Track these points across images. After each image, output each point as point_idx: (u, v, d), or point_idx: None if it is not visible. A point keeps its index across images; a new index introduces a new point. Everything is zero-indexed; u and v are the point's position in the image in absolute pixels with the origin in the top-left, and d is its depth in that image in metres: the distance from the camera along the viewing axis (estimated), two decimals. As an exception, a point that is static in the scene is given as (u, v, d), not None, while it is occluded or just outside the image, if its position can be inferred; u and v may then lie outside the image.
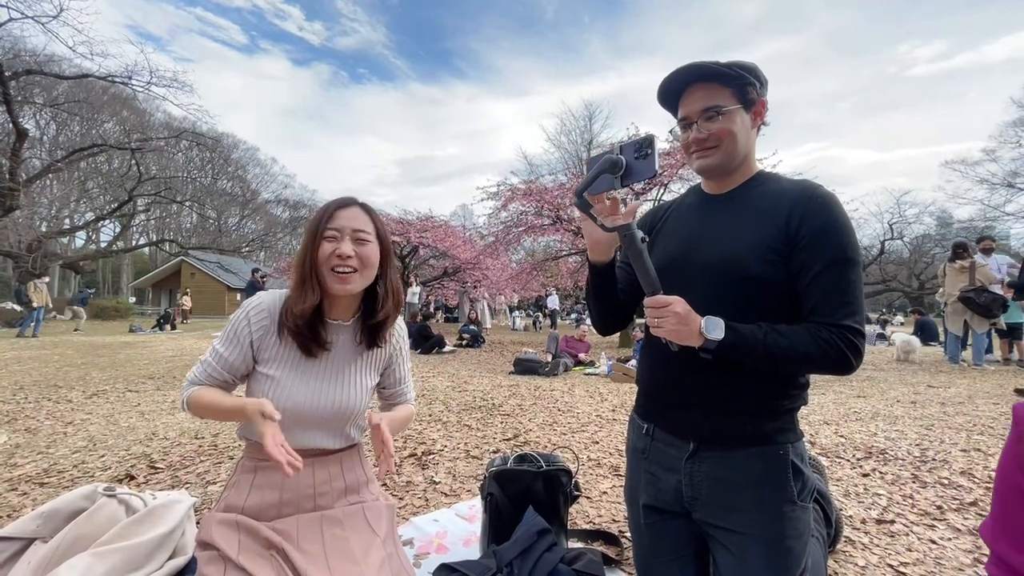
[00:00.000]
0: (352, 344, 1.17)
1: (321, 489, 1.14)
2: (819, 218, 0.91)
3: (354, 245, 1.07)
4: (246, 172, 42.48)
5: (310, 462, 1.13)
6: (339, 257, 1.05)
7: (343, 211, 1.09)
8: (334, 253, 1.05)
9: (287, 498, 1.10)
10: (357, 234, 1.08)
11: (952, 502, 2.11)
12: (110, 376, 5.45)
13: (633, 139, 0.89)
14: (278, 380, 1.09)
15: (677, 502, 1.03)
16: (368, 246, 1.09)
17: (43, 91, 20.26)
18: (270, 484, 1.09)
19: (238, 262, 29.62)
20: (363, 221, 1.10)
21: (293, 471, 1.04)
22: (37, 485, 2.28)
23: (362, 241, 1.08)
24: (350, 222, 1.08)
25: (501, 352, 9.09)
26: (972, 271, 6.09)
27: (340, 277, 1.05)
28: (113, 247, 26.46)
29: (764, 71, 1.00)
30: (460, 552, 1.66)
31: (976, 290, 6.00)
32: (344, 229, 1.07)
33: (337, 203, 1.11)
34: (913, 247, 30.75)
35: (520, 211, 11.02)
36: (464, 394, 4.65)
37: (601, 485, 2.31)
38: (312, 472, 1.13)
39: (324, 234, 1.07)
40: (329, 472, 1.16)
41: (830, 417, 3.68)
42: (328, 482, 1.16)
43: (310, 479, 1.13)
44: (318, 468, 1.15)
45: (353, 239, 1.07)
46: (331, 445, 1.16)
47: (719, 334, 0.88)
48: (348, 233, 1.07)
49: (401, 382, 1.31)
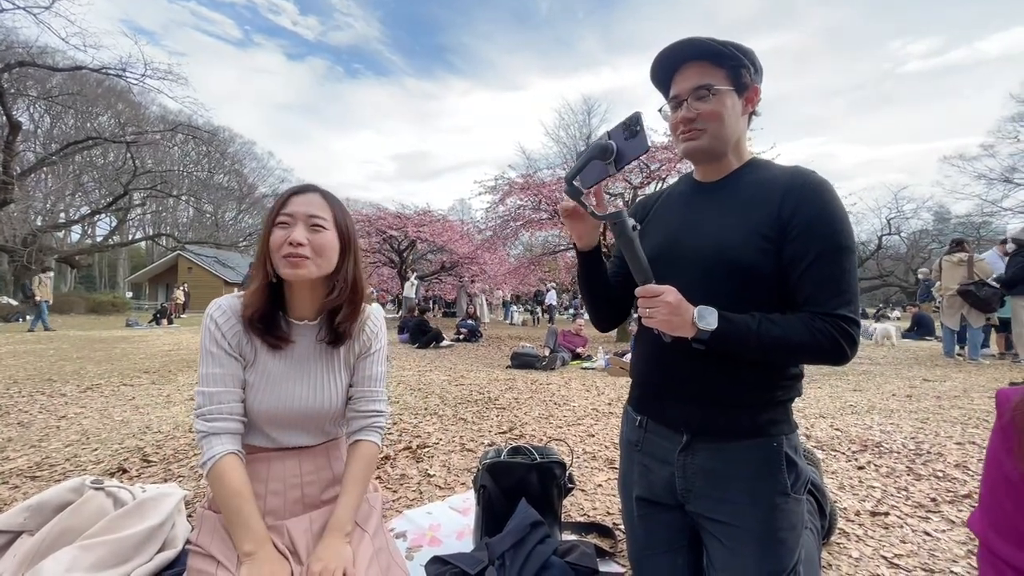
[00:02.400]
0: (317, 343, 1.11)
1: (308, 479, 1.13)
2: (813, 205, 0.89)
3: (308, 232, 1.02)
4: (243, 166, 42.30)
5: (295, 454, 1.12)
6: (290, 244, 0.99)
7: (298, 197, 1.04)
8: (286, 240, 1.00)
9: (273, 488, 1.09)
10: (312, 220, 1.03)
11: (946, 494, 2.11)
12: (105, 370, 5.42)
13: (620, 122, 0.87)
14: (250, 384, 1.06)
15: (670, 494, 1.02)
16: (324, 233, 1.04)
17: (37, 83, 20.09)
18: (255, 476, 1.07)
19: (235, 257, 29.51)
20: (319, 207, 1.05)
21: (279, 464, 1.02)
22: (29, 478, 2.26)
23: (317, 228, 1.03)
24: (304, 207, 1.03)
25: (499, 346, 9.08)
26: (970, 265, 6.10)
27: (291, 262, 1.00)
28: (109, 241, 26.27)
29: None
30: (453, 545, 1.65)
31: (976, 283, 6.00)
32: (297, 215, 1.02)
33: (293, 189, 1.07)
34: (911, 242, 30.80)
35: (518, 205, 10.97)
36: (460, 388, 4.64)
37: (596, 478, 2.30)
38: (298, 463, 1.12)
39: (277, 220, 1.02)
40: (315, 463, 1.15)
41: (826, 410, 3.68)
42: (315, 472, 1.14)
43: (296, 470, 1.11)
44: (304, 460, 1.13)
45: (307, 225, 1.02)
46: (311, 442, 1.14)
47: (712, 324, 0.86)
48: (302, 219, 1.02)
49: (369, 381, 1.18)
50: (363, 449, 1.14)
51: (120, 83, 18.70)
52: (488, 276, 13.85)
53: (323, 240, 1.04)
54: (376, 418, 1.17)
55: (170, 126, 23.18)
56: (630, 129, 0.86)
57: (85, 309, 19.47)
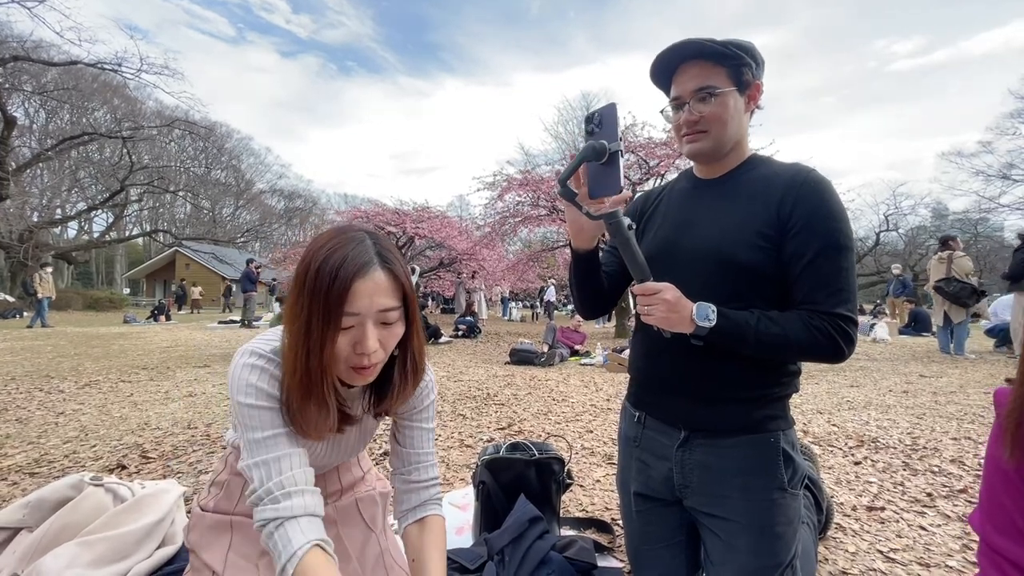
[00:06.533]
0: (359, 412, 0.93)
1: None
2: (812, 203, 0.89)
3: (378, 330, 0.77)
4: (240, 162, 42.17)
5: None
6: (362, 355, 0.76)
7: (362, 283, 0.74)
8: (355, 349, 0.76)
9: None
10: (382, 316, 0.77)
11: (942, 489, 2.12)
12: (103, 367, 5.42)
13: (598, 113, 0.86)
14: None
15: (668, 490, 1.03)
16: (395, 326, 0.79)
17: (32, 78, 19.96)
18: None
19: (233, 252, 29.48)
20: (388, 292, 0.76)
21: None
22: (27, 475, 2.26)
23: (388, 323, 0.78)
24: (373, 299, 0.75)
25: (497, 343, 9.09)
26: (949, 262, 6.37)
27: (360, 373, 0.79)
28: (106, 237, 26.23)
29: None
30: (453, 540, 1.66)
31: (945, 280, 6.32)
32: (367, 313, 0.75)
33: (353, 271, 0.73)
34: (908, 239, 30.87)
35: (516, 201, 10.94)
36: (459, 384, 4.65)
37: (595, 473, 2.31)
38: None
39: (340, 323, 0.74)
40: (325, 480, 1.08)
41: (823, 406, 3.70)
42: (323, 488, 1.07)
43: None
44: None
45: (376, 323, 0.77)
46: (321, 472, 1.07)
47: (710, 320, 0.86)
48: (371, 316, 0.75)
49: (421, 445, 0.98)
50: (434, 526, 0.95)
51: (116, 78, 18.61)
52: (487, 272, 13.81)
53: (394, 333, 0.80)
54: (435, 487, 0.99)
55: (167, 121, 23.08)
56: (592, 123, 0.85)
57: (82, 305, 19.41)
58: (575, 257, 1.07)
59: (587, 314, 1.20)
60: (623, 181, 0.84)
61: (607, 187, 0.85)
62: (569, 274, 1.12)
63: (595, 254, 1.06)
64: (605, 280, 1.12)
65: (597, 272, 1.09)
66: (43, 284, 11.15)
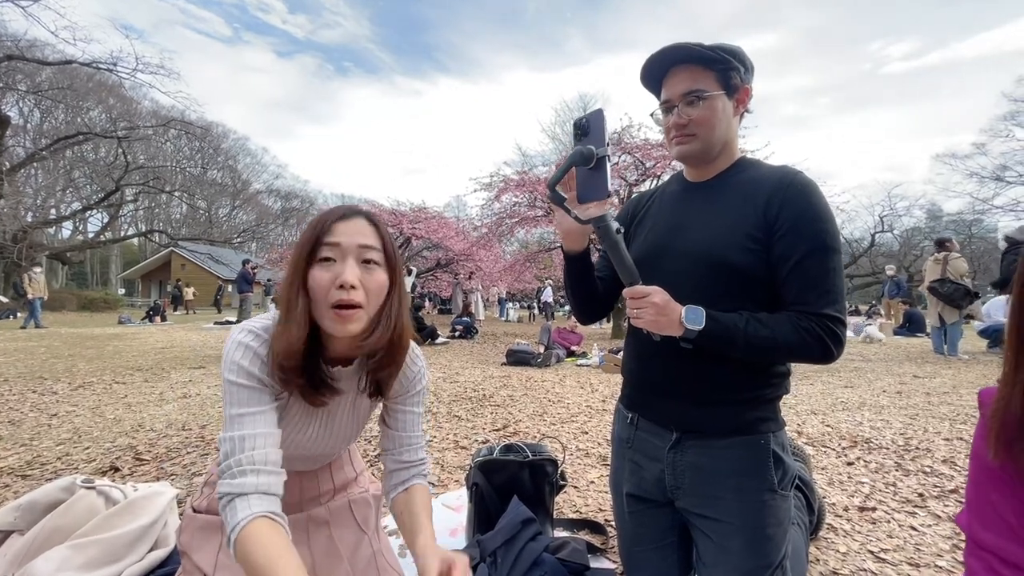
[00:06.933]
0: (353, 393, 0.95)
1: (308, 495, 1.08)
2: (798, 206, 0.90)
3: (360, 269, 0.82)
4: (236, 162, 41.94)
5: (297, 475, 1.05)
6: (342, 286, 0.79)
7: (344, 223, 0.82)
8: (335, 281, 0.79)
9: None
10: (363, 253, 0.82)
11: (933, 489, 2.14)
12: (97, 368, 5.39)
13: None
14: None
15: (660, 491, 1.03)
16: (376, 272, 0.84)
17: (26, 77, 19.81)
18: None
19: (229, 253, 29.32)
20: (370, 236, 0.84)
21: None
22: (19, 477, 2.25)
23: (369, 263, 0.83)
24: (354, 237, 0.81)
25: (494, 344, 9.09)
26: (944, 263, 6.42)
27: (340, 315, 0.79)
28: (101, 237, 26.04)
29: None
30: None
31: (939, 281, 6.37)
32: (347, 247, 0.81)
33: (335, 213, 0.84)
34: (903, 240, 31.05)
35: (513, 202, 10.95)
36: (455, 385, 4.65)
37: (589, 475, 2.32)
38: (299, 482, 1.06)
39: (320, 254, 0.80)
40: (318, 478, 1.10)
41: (817, 407, 3.72)
42: (316, 486, 1.10)
43: (297, 486, 1.05)
44: (305, 480, 1.08)
45: (359, 260, 0.82)
46: (313, 467, 1.09)
47: (699, 323, 0.87)
48: (351, 252, 0.81)
49: (410, 428, 1.01)
50: (418, 494, 0.98)
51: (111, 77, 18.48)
52: (484, 273, 13.82)
53: (377, 281, 0.83)
54: (422, 466, 1.02)
55: (162, 121, 22.97)
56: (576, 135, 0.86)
57: (77, 306, 19.29)
58: (568, 260, 1.07)
59: (584, 319, 1.21)
60: (611, 185, 0.85)
61: (595, 191, 0.85)
62: (564, 278, 1.13)
63: (587, 254, 1.07)
64: (600, 284, 1.13)
65: (591, 273, 1.09)
66: (33, 284, 11.03)
